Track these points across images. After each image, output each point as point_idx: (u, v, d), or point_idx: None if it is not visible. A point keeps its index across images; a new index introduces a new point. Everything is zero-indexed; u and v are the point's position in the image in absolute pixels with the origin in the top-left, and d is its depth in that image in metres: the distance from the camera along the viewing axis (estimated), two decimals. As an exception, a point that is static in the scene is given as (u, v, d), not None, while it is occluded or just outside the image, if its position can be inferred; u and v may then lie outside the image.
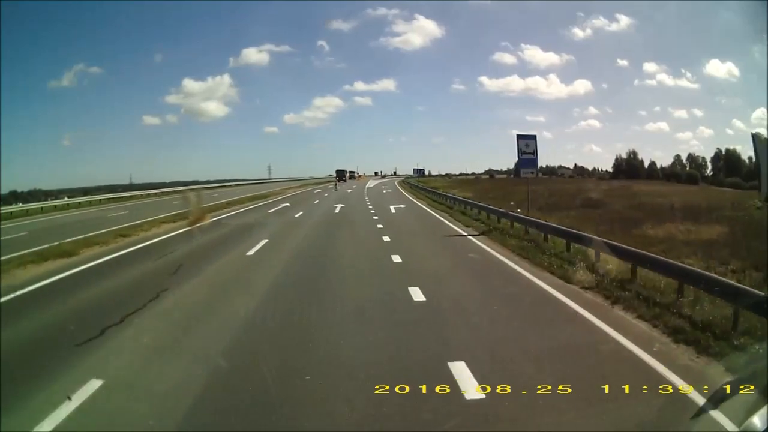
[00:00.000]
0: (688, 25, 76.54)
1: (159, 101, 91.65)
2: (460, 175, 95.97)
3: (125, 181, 52.22)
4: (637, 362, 5.17)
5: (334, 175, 71.70)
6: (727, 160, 66.77)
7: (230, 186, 55.06)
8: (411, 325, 6.42)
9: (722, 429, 3.59)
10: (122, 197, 40.26)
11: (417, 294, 7.81)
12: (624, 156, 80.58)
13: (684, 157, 77.39)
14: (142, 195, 42.07)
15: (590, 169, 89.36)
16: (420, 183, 56.47)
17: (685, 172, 72.83)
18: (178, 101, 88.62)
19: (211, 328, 6.39)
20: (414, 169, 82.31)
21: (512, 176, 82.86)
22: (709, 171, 73.87)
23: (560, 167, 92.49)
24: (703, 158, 77.46)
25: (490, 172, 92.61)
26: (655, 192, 34.37)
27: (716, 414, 3.71)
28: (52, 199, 37.67)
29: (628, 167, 77.58)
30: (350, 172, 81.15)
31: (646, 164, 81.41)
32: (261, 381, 4.63)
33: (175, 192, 43.21)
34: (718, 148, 71.80)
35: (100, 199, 37.23)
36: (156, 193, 43.01)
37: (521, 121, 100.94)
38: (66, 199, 37.33)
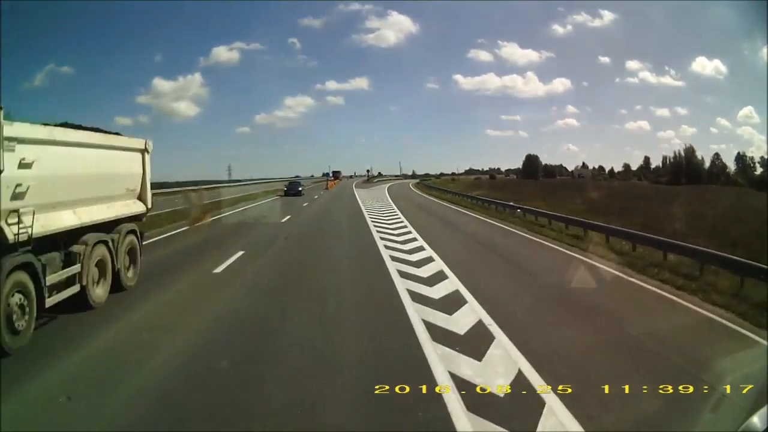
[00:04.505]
0: (676, 22, 69.94)
1: (130, 101, 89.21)
2: (441, 175, 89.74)
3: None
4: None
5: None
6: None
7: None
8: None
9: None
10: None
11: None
12: (682, 153, 71.47)
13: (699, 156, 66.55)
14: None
15: (597, 168, 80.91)
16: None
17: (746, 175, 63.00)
18: (149, 101, 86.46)
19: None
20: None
21: (517, 177, 75.26)
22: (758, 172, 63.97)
23: (560, 166, 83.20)
24: (752, 158, 67.62)
25: (490, 173, 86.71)
26: None
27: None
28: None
29: (692, 169, 68.60)
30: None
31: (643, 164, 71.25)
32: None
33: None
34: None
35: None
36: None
37: (496, 120, 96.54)
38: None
